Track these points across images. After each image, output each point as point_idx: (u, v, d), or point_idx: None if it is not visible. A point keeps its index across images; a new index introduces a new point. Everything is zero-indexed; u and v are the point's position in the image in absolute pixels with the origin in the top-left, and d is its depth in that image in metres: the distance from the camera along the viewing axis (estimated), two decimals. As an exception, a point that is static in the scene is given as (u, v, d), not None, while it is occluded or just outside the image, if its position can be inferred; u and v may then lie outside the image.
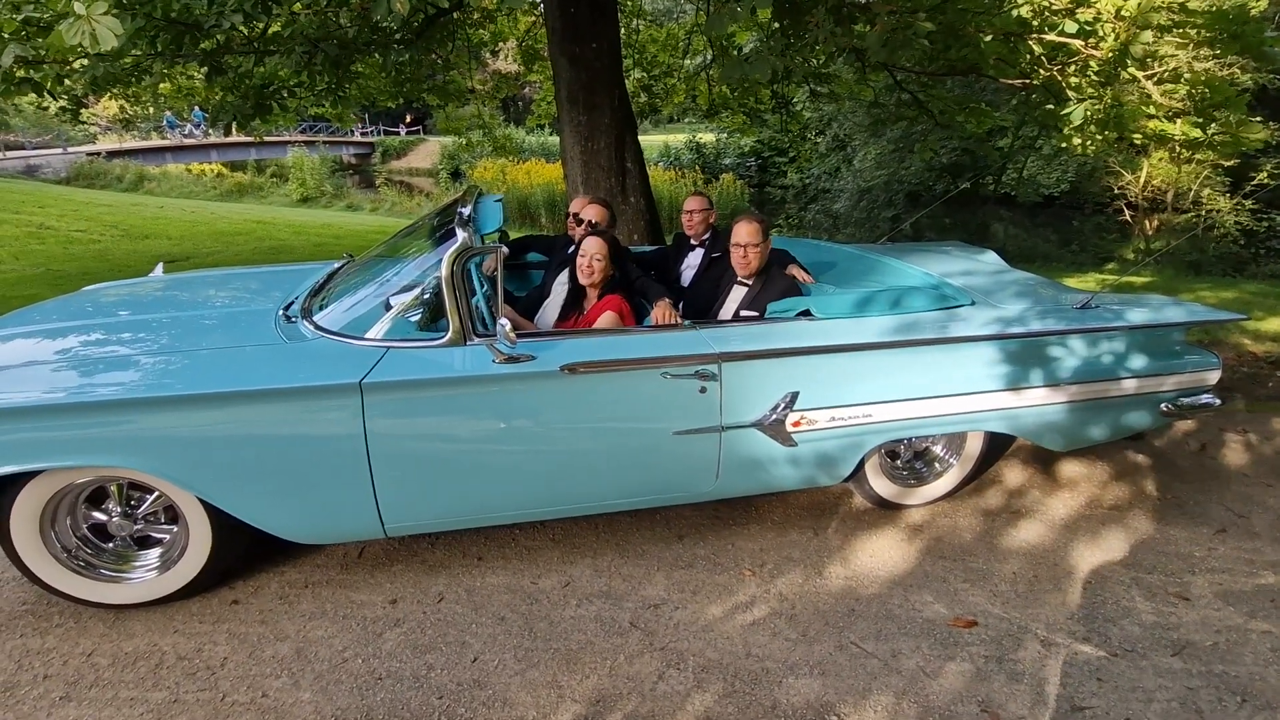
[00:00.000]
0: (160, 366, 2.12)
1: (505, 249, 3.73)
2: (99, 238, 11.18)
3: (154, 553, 2.31)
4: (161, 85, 6.71)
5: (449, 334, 2.27)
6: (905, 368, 2.59)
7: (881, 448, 2.76)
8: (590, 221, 3.23)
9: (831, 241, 4.13)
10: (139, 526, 2.30)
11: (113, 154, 25.10)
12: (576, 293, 2.88)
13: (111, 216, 13.26)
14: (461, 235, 2.28)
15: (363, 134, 33.97)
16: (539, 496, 2.42)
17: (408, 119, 33.86)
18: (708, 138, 23.91)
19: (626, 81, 10.97)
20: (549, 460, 2.36)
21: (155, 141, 28.08)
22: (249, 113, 4.94)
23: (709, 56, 10.42)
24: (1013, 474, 3.26)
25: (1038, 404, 2.74)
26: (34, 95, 4.50)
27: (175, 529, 2.30)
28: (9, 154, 23.42)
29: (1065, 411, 2.79)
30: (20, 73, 4.38)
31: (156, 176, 22.79)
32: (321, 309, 2.50)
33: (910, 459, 2.99)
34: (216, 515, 2.20)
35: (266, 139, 25.05)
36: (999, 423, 2.75)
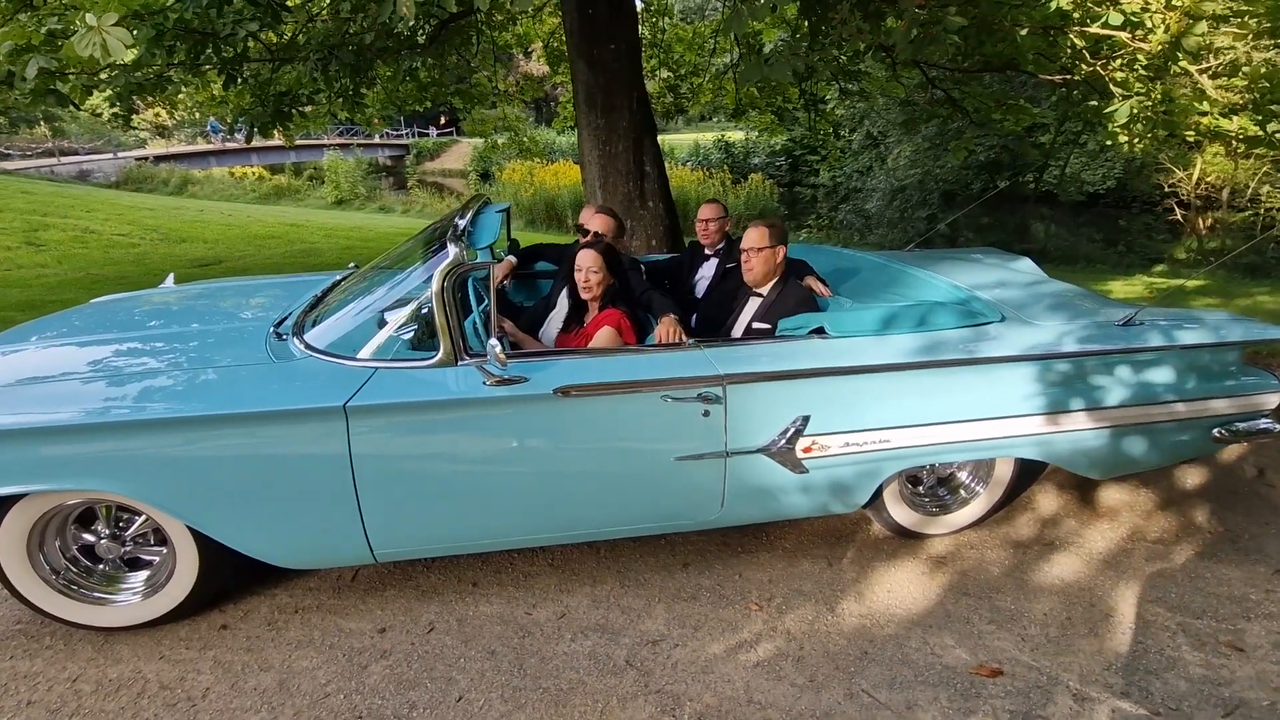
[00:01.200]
0: (143, 388, 2.07)
1: (513, 259, 3.69)
2: (139, 241, 11.50)
3: (141, 576, 2.27)
4: (184, 94, 6.82)
5: (439, 354, 2.17)
6: (927, 390, 2.41)
7: (902, 474, 2.58)
8: (592, 232, 3.11)
9: (855, 249, 3.92)
10: (127, 548, 2.26)
11: (160, 158, 25.99)
12: (579, 307, 2.77)
13: (153, 220, 13.64)
14: (453, 250, 2.18)
15: (395, 136, 34.50)
16: (533, 524, 2.32)
17: (441, 121, 34.29)
18: (737, 136, 23.63)
19: (652, 81, 10.85)
20: (543, 486, 2.25)
21: (200, 146, 29.01)
22: (267, 120, 4.96)
23: (736, 55, 10.24)
24: (1046, 501, 3.04)
25: (1074, 429, 2.53)
26: (58, 106, 4.57)
27: (164, 551, 2.25)
28: (64, 159, 24.37)
29: (1105, 437, 2.57)
30: (45, 84, 4.46)
31: (200, 180, 23.48)
32: (314, 325, 2.43)
33: (933, 485, 2.80)
34: (203, 539, 2.14)
35: (303, 142, 25.72)
36: (1030, 449, 2.55)
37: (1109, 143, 5.85)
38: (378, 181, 25.69)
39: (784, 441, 2.33)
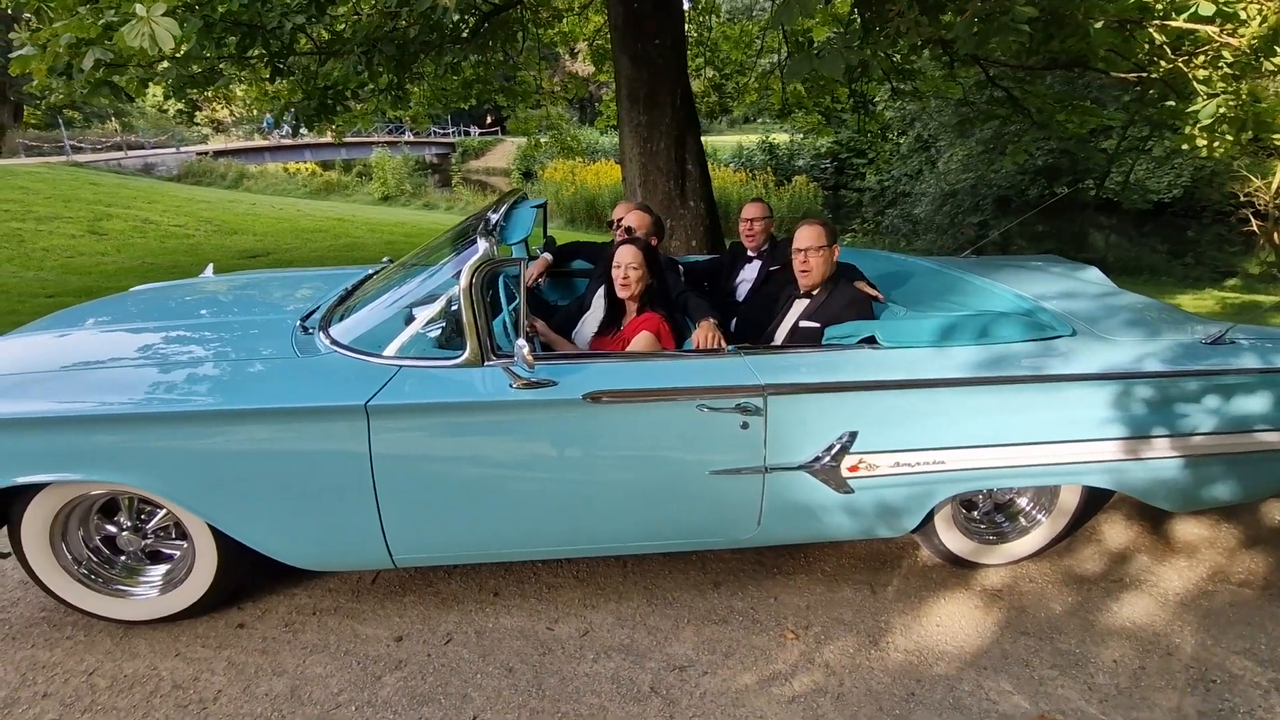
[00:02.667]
0: (162, 380, 2.02)
1: (549, 256, 3.59)
2: (193, 233, 11.87)
3: (160, 570, 2.23)
4: (239, 88, 6.95)
5: (466, 353, 2.07)
6: (989, 408, 2.21)
7: (956, 498, 2.38)
8: (627, 227, 2.98)
9: (905, 254, 3.70)
10: (148, 541, 2.23)
11: (219, 153, 26.94)
12: (615, 307, 2.64)
13: (208, 212, 14.09)
14: (483, 245, 2.08)
15: (441, 134, 35.10)
16: (557, 535, 2.20)
17: (487, 120, 34.73)
18: (781, 138, 23.25)
19: (697, 81, 10.69)
20: (569, 496, 2.13)
21: (256, 142, 30.00)
22: (311, 113, 4.99)
23: (783, 54, 10.00)
24: (1114, 532, 2.79)
25: (1152, 457, 2.29)
26: (114, 97, 4.67)
27: (185, 545, 2.21)
28: (130, 153, 25.45)
29: (1186, 467, 2.32)
30: (101, 75, 4.56)
31: (255, 175, 24.25)
32: (341, 319, 2.37)
33: (990, 511, 2.58)
34: (222, 536, 2.09)
35: (353, 140, 26.34)
36: (1100, 476, 2.32)
37: (1184, 147, 5.47)
38: (424, 178, 26.13)
39: (828, 459, 2.16)
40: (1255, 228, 11.57)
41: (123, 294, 3.07)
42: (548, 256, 3.48)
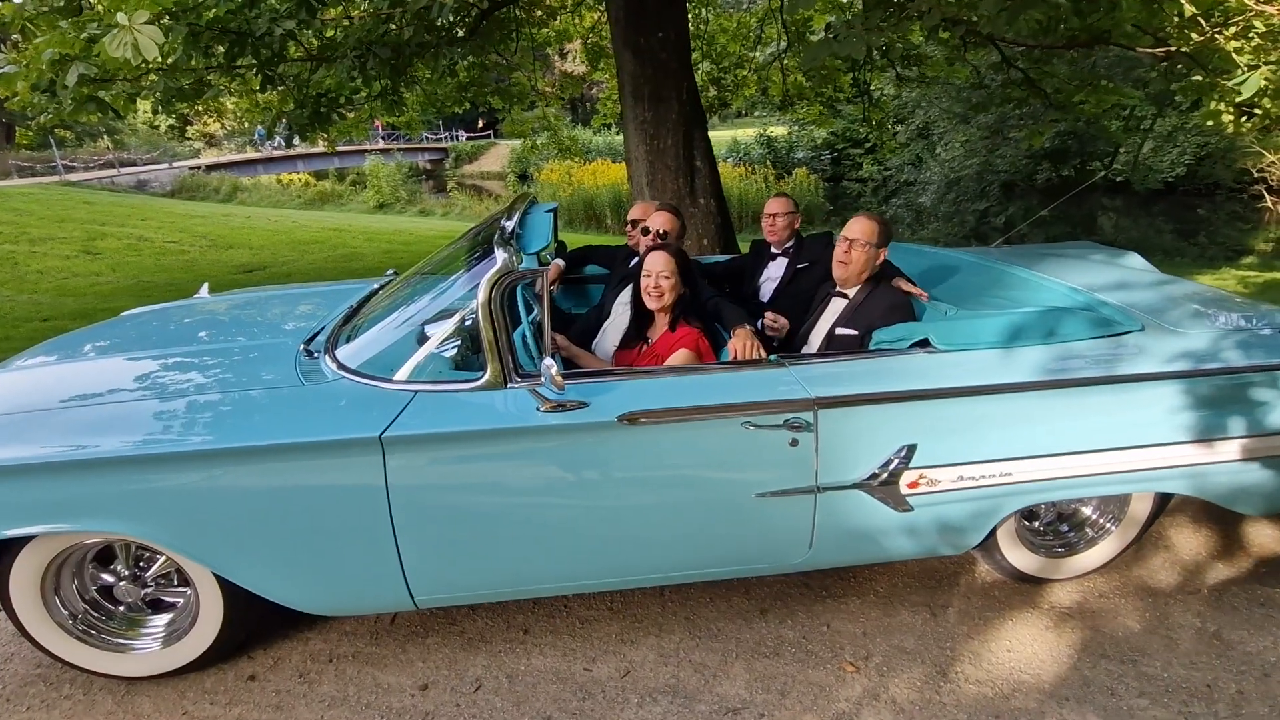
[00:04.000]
0: (156, 418, 1.84)
1: (561, 262, 3.40)
2: (189, 248, 11.69)
3: (163, 620, 2.05)
4: (229, 99, 6.75)
5: (486, 375, 1.89)
6: (1058, 414, 2.02)
7: (1020, 511, 2.20)
8: (658, 232, 2.79)
9: (919, 244, 3.49)
10: (149, 590, 2.05)
11: (211, 167, 26.75)
12: (640, 317, 2.45)
13: (203, 227, 13.91)
14: (501, 256, 1.90)
15: (434, 139, 34.89)
16: (593, 568, 2.02)
17: (479, 124, 34.50)
18: (779, 131, 23.03)
19: (695, 75, 10.49)
20: (604, 527, 1.95)
21: (249, 154, 29.80)
22: (304, 122, 4.81)
23: (782, 44, 9.80)
24: (1181, 538, 2.61)
25: (1235, 459, 2.11)
26: (100, 114, 4.49)
27: (188, 592, 2.03)
28: (123, 170, 25.28)
29: (1271, 468, 2.14)
30: (86, 91, 4.38)
31: (249, 187, 24.06)
32: (349, 340, 2.19)
33: (1053, 521, 2.40)
34: (228, 581, 1.91)
35: (345, 148, 26.14)
36: (1179, 482, 2.14)
37: (1209, 123, 5.29)
38: (418, 185, 25.94)
39: (886, 475, 1.98)
40: (1271, 204, 11.36)
41: (114, 319, 2.88)
42: (560, 263, 3.30)
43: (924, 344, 2.11)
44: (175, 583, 2.07)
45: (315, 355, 2.13)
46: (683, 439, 1.91)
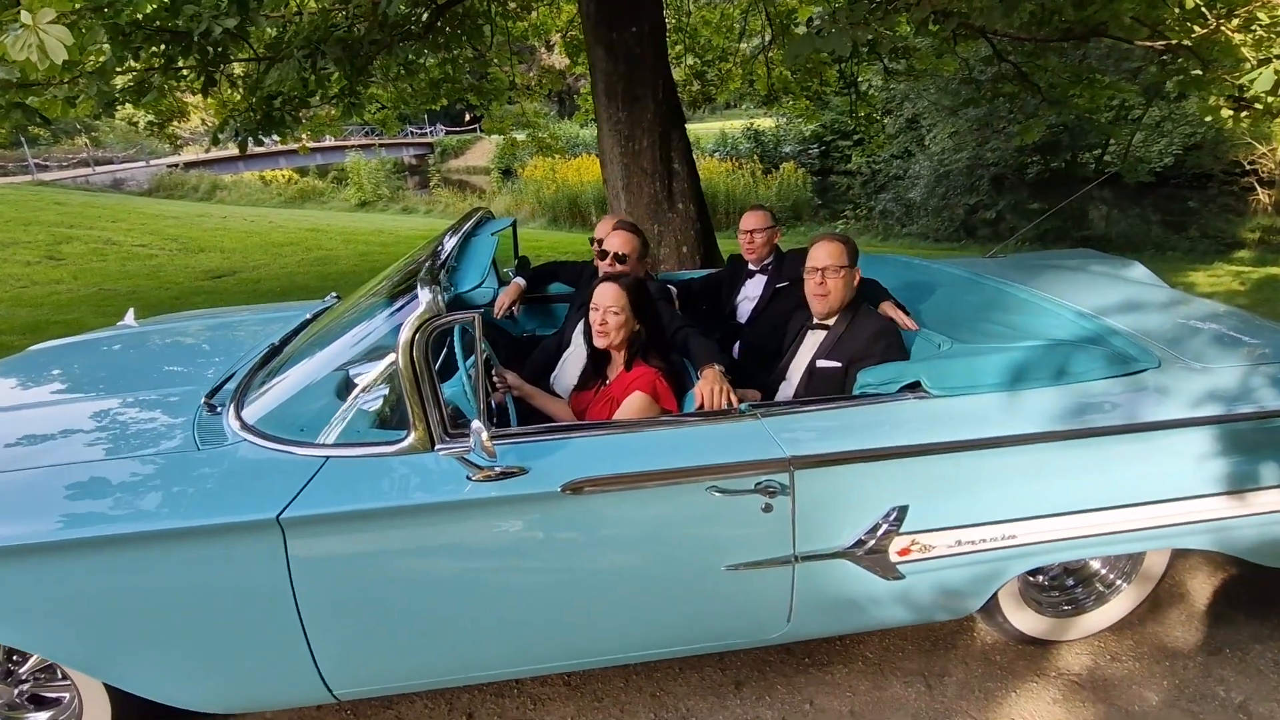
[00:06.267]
0: (15, 493, 1.56)
1: (522, 281, 3.12)
2: (157, 253, 11.29)
3: (45, 718, 1.78)
4: (191, 99, 6.39)
5: (409, 437, 1.62)
6: (1070, 467, 1.78)
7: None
8: (615, 254, 2.52)
9: (898, 248, 3.22)
10: (25, 687, 1.77)
11: (190, 165, 26.13)
12: (598, 353, 2.18)
13: (175, 229, 13.49)
14: (425, 298, 1.62)
15: (419, 134, 34.36)
16: (539, 653, 1.77)
17: (466, 118, 33.95)
18: (766, 124, 22.71)
19: (678, 69, 10.18)
20: (549, 609, 1.69)
21: (230, 151, 29.17)
22: (254, 126, 4.49)
23: (767, 37, 9.51)
24: (1199, 585, 2.38)
25: (1264, 511, 1.87)
26: (28, 121, 4.16)
27: (70, 686, 1.75)
28: (98, 169, 24.66)
29: (1304, 519, 1.91)
30: (11, 98, 4.05)
31: (229, 185, 23.51)
32: (260, 388, 1.91)
33: (1058, 575, 2.16)
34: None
35: (327, 144, 25.58)
36: (1200, 538, 1.90)
37: (1208, 118, 5.09)
38: (401, 181, 25.45)
39: (873, 542, 1.73)
40: (1263, 196, 11.20)
41: (17, 356, 2.58)
42: (521, 281, 3.02)
43: (914, 387, 1.86)
44: (59, 675, 1.80)
45: (218, 410, 1.85)
46: (638, 509, 1.66)
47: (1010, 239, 5.22)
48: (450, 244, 2.11)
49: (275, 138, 5.13)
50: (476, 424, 1.52)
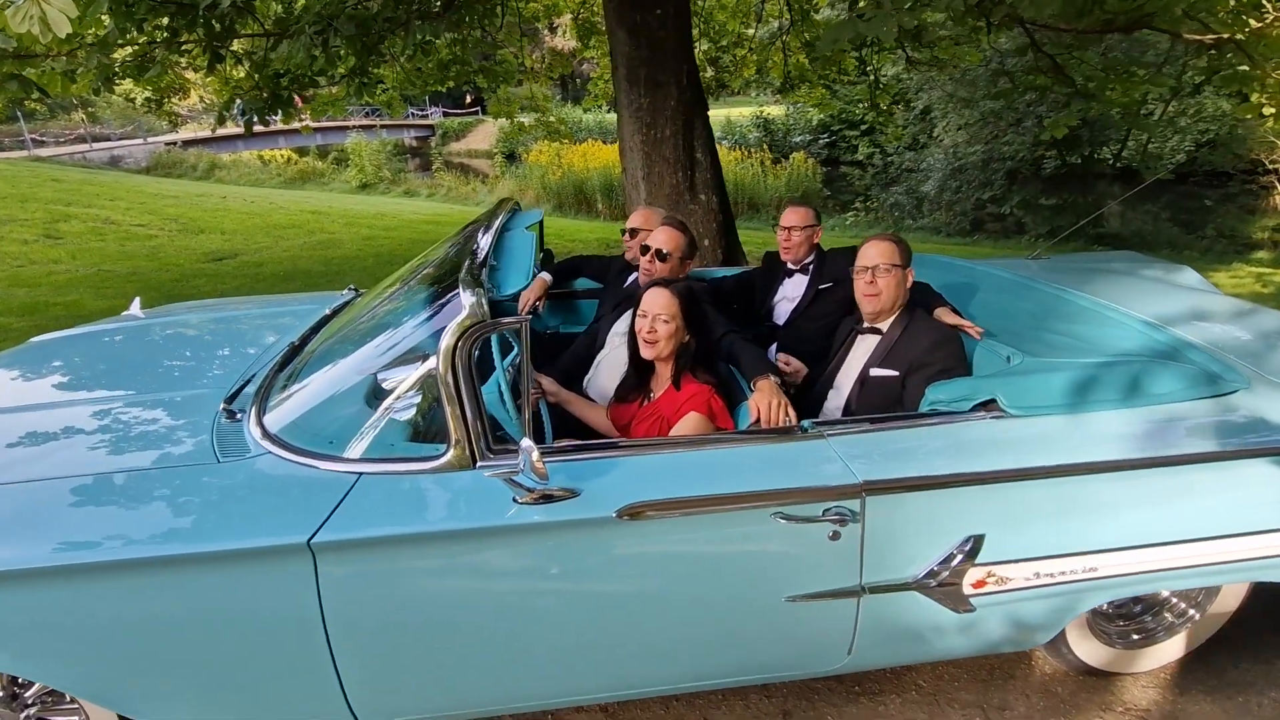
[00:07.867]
0: (20, 510, 1.43)
1: (547, 277, 2.96)
2: (157, 233, 11.08)
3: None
4: (192, 75, 6.19)
5: (448, 453, 1.49)
6: (1156, 496, 1.66)
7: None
8: (657, 251, 2.36)
9: (960, 259, 3.05)
10: (31, 711, 1.65)
11: (189, 143, 25.75)
12: (640, 360, 2.03)
13: (175, 209, 13.26)
14: (469, 302, 1.48)
15: (420, 115, 33.94)
16: (584, 685, 1.65)
17: (467, 100, 33.50)
18: (775, 112, 22.39)
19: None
20: (598, 639, 1.57)
21: (230, 130, 28.77)
22: (262, 104, 4.32)
23: (784, 23, 9.28)
24: (1273, 617, 2.26)
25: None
26: (24, 94, 3.98)
27: (78, 709, 1.63)
28: (96, 145, 24.30)
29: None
30: (8, 69, 3.87)
31: (227, 165, 23.16)
32: (282, 392, 1.77)
33: (1124, 604, 2.04)
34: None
35: (328, 124, 25.22)
36: (1287, 570, 1.78)
37: (1247, 116, 4.94)
38: (403, 163, 25.11)
39: (946, 573, 1.60)
40: (1278, 194, 11.04)
41: (17, 349, 2.43)
42: (546, 277, 2.86)
43: (988, 404, 1.73)
44: (66, 699, 1.67)
45: (238, 417, 1.71)
46: (697, 536, 1.53)
47: (1072, 228, 5.04)
48: (485, 241, 1.96)
49: (278, 116, 4.95)
50: (527, 442, 1.38)
